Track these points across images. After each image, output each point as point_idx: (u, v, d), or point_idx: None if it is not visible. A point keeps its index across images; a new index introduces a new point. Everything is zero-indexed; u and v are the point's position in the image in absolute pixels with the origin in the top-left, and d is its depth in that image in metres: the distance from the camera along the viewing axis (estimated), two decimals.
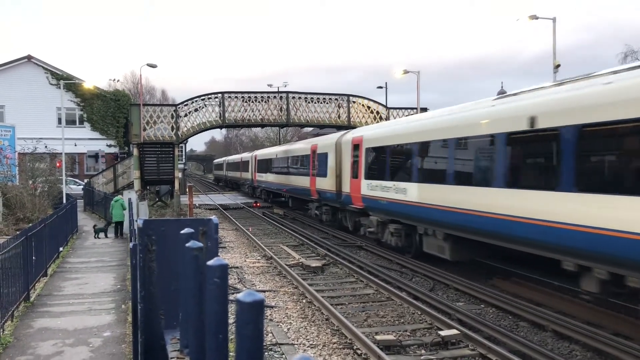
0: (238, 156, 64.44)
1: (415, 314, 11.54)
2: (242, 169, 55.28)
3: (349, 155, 21.84)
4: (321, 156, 25.83)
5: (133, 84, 71.90)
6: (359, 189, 20.39)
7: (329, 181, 24.16)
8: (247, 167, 51.37)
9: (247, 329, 1.04)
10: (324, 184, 25.04)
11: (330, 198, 24.48)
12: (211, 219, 2.42)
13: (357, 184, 20.61)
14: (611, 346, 8.95)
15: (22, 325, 9.99)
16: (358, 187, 20.49)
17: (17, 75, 43.01)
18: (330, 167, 24.18)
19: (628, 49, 42.12)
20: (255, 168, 46.27)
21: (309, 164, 28.02)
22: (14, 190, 24.20)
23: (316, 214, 28.21)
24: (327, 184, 24.47)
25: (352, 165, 21.42)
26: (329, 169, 24.38)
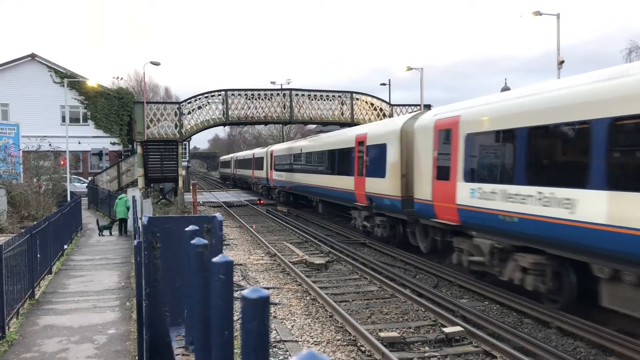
0: (249, 152, 56.27)
1: (419, 311, 11.54)
2: (254, 167, 48.57)
3: (428, 147, 15.53)
4: (374, 149, 19.72)
5: (137, 81, 71.99)
6: (451, 195, 14.10)
7: (389, 183, 18.15)
8: (260, 165, 45.06)
9: (253, 325, 1.05)
10: (379, 187, 18.91)
11: (388, 206, 18.29)
12: (215, 216, 2.43)
13: (448, 188, 14.29)
14: (616, 343, 8.94)
15: (28, 322, 10.03)
16: (449, 194, 14.18)
17: (21, 73, 43.10)
18: (392, 163, 18.05)
19: (633, 45, 41.90)
20: (271, 165, 40.21)
21: (353, 159, 22.04)
22: (18, 189, 24.27)
23: (364, 226, 21.27)
24: (385, 186, 18.38)
25: (435, 161, 15.14)
26: (388, 166, 18.25)
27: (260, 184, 45.85)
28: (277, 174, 38.08)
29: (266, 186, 43.50)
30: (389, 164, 18.23)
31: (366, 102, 37.39)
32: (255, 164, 48.38)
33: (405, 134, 17.62)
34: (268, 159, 41.53)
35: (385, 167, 18.46)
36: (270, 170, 40.52)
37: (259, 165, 46.10)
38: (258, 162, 46.59)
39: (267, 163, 41.60)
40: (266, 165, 42.15)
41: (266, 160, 42.30)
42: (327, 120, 37.29)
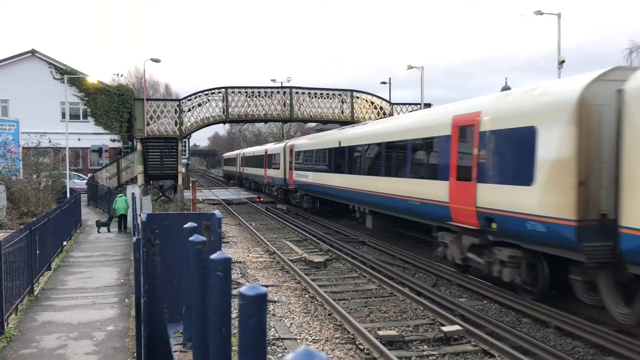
0: (260, 148, 48.80)
1: (417, 310, 11.55)
2: (267, 165, 41.25)
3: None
4: (504, 138, 12.15)
5: (137, 78, 71.90)
6: None
7: (543, 196, 10.83)
8: (275, 163, 38.29)
9: (250, 322, 1.04)
10: (514, 201, 11.52)
11: (534, 234, 10.99)
12: (214, 214, 2.43)
13: None
14: (614, 343, 8.95)
15: (26, 318, 10.04)
16: None
17: (21, 69, 43.07)
18: (552, 161, 10.59)
19: (633, 45, 41.84)
20: (290, 163, 33.11)
21: (447, 154, 14.44)
22: (18, 185, 24.26)
23: (465, 260, 13.82)
24: (532, 201, 11.04)
25: None
26: (542, 165, 10.82)
27: (276, 185, 38.61)
28: (300, 174, 31.04)
29: (283, 188, 36.45)
30: (543, 162, 10.78)
31: (366, 100, 37.39)
32: (268, 162, 41.13)
33: (586, 109, 10.07)
34: (286, 156, 34.59)
35: (532, 168, 10.99)
36: (289, 170, 33.48)
37: (273, 163, 39.00)
38: (272, 160, 39.47)
39: (284, 161, 34.91)
40: (283, 163, 35.24)
41: (283, 157, 35.32)
42: (327, 118, 37.31)
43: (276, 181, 37.80)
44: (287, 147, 34.78)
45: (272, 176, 39.10)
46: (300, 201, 32.23)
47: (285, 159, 34.49)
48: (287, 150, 34.40)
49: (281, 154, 35.88)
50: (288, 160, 33.60)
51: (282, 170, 35.30)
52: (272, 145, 42.90)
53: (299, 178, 31.04)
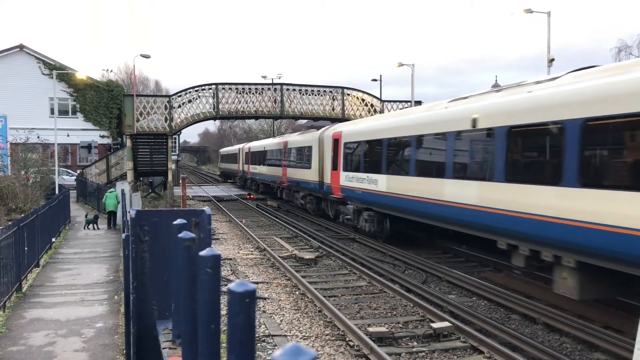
0: (274, 141, 38.01)
1: (407, 306, 11.59)
2: (288, 162, 31.53)
3: None
4: None
5: (126, 74, 71.48)
6: None
7: None
8: (302, 160, 28.40)
9: (239, 319, 1.04)
10: None
11: None
12: (204, 210, 2.42)
13: None
14: (601, 339, 9.03)
15: (14, 315, 9.97)
16: None
17: (9, 64, 42.62)
18: None
19: (622, 44, 42.17)
20: (333, 161, 23.33)
21: None
22: (5, 181, 24.06)
23: None
24: None
25: None
26: None
27: (304, 190, 28.51)
28: (357, 177, 20.35)
29: (317, 196, 26.58)
30: None
31: (357, 97, 37.42)
32: (289, 158, 31.16)
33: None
34: (325, 150, 24.58)
35: None
36: (331, 170, 23.38)
37: (298, 159, 29.24)
38: (297, 155, 29.56)
39: (321, 156, 25.01)
40: (319, 160, 25.23)
41: (320, 151, 25.16)
42: (318, 115, 37.31)
43: (304, 185, 27.70)
44: (326, 136, 24.70)
45: (297, 178, 28.98)
46: (354, 219, 21.00)
47: (324, 154, 24.64)
48: (326, 141, 24.50)
49: (315, 147, 26.07)
50: (330, 156, 23.53)
51: (315, 171, 25.52)
52: (295, 137, 31.72)
53: (354, 184, 20.47)
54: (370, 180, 18.94)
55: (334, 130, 24.00)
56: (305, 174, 27.25)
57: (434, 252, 17.76)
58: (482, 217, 12.31)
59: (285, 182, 32.15)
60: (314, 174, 25.80)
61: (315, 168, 25.59)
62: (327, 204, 25.39)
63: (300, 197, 29.74)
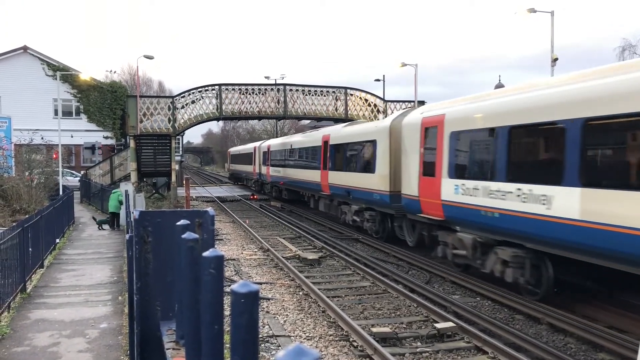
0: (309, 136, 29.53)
1: (411, 307, 11.58)
2: (334, 164, 23.80)
3: None
4: None
5: (130, 75, 71.60)
6: None
7: None
8: (363, 161, 20.60)
9: (242, 320, 1.04)
10: None
11: None
12: (207, 211, 2.42)
13: None
14: (605, 339, 9.00)
15: (19, 316, 9.99)
16: None
17: (13, 66, 42.75)
18: None
19: (626, 43, 42.07)
20: (437, 165, 14.44)
21: None
22: (10, 182, 24.12)
23: None
24: None
25: None
26: None
27: (362, 204, 20.52)
28: (499, 191, 11.75)
29: (385, 213, 19.07)
30: None
31: (360, 97, 37.40)
32: (338, 159, 23.40)
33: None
34: (408, 148, 16.52)
35: None
36: (427, 177, 15.07)
37: (357, 161, 21.22)
38: (354, 155, 21.65)
39: (396, 157, 17.82)
40: (392, 162, 18.10)
41: (391, 148, 18.18)
42: (321, 115, 37.30)
43: (361, 195, 20.12)
44: (407, 125, 16.52)
45: (348, 186, 21.51)
46: (472, 257, 12.93)
47: (403, 152, 16.76)
48: (407, 132, 16.41)
49: (382, 143, 18.43)
50: (416, 154, 15.65)
51: (383, 176, 18.24)
52: (344, 129, 23.36)
53: (478, 199, 12.48)
54: (527, 195, 10.77)
55: (423, 114, 15.52)
56: (364, 181, 19.73)
57: None
58: None
59: (325, 189, 24.33)
60: (381, 180, 18.31)
61: (383, 172, 18.16)
62: (405, 225, 17.36)
63: (351, 212, 21.49)
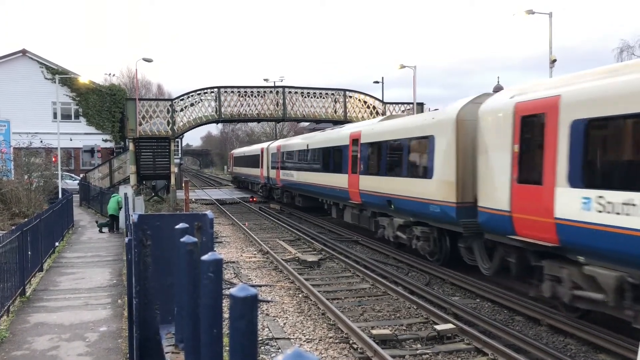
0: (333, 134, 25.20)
1: (411, 309, 11.57)
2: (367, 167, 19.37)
3: None
4: None
5: (129, 78, 71.57)
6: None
7: None
8: (412, 164, 16.16)
9: (241, 324, 1.04)
10: None
11: None
12: (206, 214, 2.42)
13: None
14: (605, 340, 9.00)
15: (18, 320, 9.98)
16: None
17: (12, 69, 42.77)
18: None
19: (624, 44, 42.13)
20: (546, 167, 10.12)
21: None
22: (9, 185, 24.10)
23: None
24: None
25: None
26: None
27: (409, 217, 16.36)
28: None
29: (443, 230, 14.96)
30: None
31: (359, 99, 37.42)
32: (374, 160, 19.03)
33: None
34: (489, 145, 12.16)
35: None
36: (534, 187, 10.54)
37: (403, 163, 16.74)
38: (398, 156, 17.20)
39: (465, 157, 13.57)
40: (460, 164, 13.67)
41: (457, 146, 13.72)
42: (320, 117, 37.32)
43: (411, 207, 15.83)
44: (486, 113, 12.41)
45: (389, 194, 17.16)
46: None
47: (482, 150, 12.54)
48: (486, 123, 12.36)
49: (443, 139, 14.29)
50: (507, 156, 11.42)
51: (448, 183, 14.00)
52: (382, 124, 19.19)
53: None
54: None
55: (514, 98, 11.38)
56: (415, 188, 15.55)
57: None
58: None
59: (354, 197, 20.34)
60: (442, 188, 14.15)
61: (446, 177, 13.96)
62: (477, 247, 13.26)
63: (393, 227, 17.27)
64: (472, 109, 13.43)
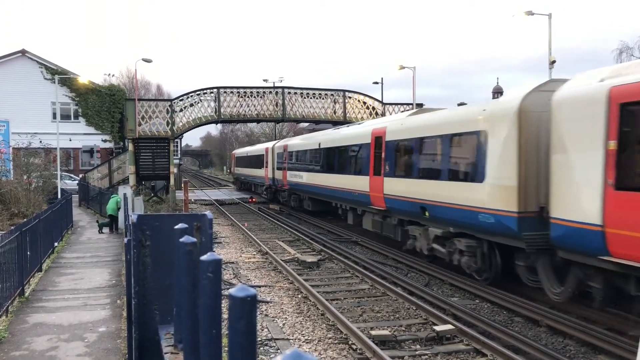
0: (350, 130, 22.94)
1: (410, 309, 11.57)
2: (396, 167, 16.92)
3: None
4: None
5: (128, 78, 71.55)
6: None
7: None
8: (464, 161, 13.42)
9: (240, 324, 1.04)
10: None
11: None
12: (205, 214, 2.42)
13: None
14: (605, 341, 9.00)
15: (17, 320, 9.96)
16: None
17: (11, 69, 42.75)
18: None
19: (623, 45, 42.17)
20: None
21: None
22: (8, 186, 24.09)
23: None
24: None
25: None
26: None
27: (447, 227, 14.01)
28: None
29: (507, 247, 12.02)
30: None
31: (358, 100, 37.44)
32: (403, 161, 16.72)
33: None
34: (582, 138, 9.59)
35: None
36: None
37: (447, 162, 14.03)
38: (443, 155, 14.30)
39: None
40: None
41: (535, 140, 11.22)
42: (319, 118, 37.33)
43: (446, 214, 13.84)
44: (584, 100, 9.63)
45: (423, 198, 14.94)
46: None
47: (578, 149, 9.79)
48: (583, 112, 9.58)
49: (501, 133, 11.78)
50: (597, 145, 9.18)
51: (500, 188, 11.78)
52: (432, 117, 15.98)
53: None
54: None
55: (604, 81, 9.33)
56: (459, 193, 13.10)
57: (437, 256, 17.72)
58: None
59: (377, 202, 18.02)
60: (498, 194, 11.83)
61: (504, 182, 11.61)
62: (543, 267, 11.09)
63: (428, 238, 15.09)
64: (538, 97, 11.30)
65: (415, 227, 15.99)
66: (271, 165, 35.90)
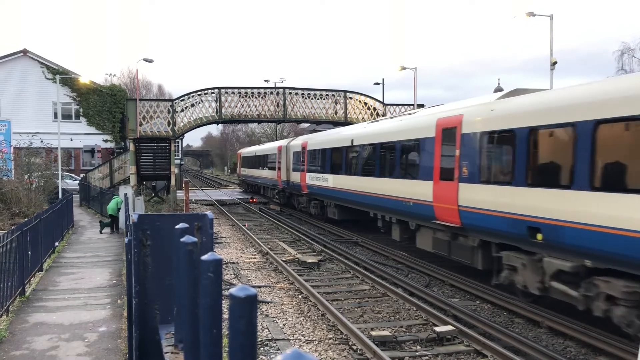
0: (397, 121, 18.06)
1: (410, 310, 11.57)
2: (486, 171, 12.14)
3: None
4: None
5: (130, 78, 71.59)
6: None
7: None
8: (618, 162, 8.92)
9: (240, 324, 1.04)
10: None
11: None
12: (206, 214, 2.42)
13: None
14: (605, 342, 8.99)
15: (18, 320, 9.97)
16: None
17: (13, 69, 42.78)
18: None
19: (624, 47, 42.11)
20: None
21: None
22: (9, 185, 24.10)
23: None
24: None
25: None
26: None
27: (624, 266, 8.50)
28: None
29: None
30: None
31: (359, 101, 37.44)
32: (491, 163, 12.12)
33: None
34: None
35: None
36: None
37: (583, 165, 9.20)
38: (579, 154, 9.26)
39: None
40: None
41: None
42: (320, 119, 37.34)
43: (582, 240, 9.19)
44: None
45: (532, 215, 10.42)
46: None
47: None
48: None
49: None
50: None
51: None
52: (543, 97, 10.96)
53: None
54: None
55: None
56: (604, 209, 8.79)
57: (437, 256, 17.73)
58: None
59: (445, 216, 13.81)
60: None
61: None
62: None
63: (544, 272, 10.32)
64: None
65: (514, 254, 11.33)
66: (285, 165, 31.92)
